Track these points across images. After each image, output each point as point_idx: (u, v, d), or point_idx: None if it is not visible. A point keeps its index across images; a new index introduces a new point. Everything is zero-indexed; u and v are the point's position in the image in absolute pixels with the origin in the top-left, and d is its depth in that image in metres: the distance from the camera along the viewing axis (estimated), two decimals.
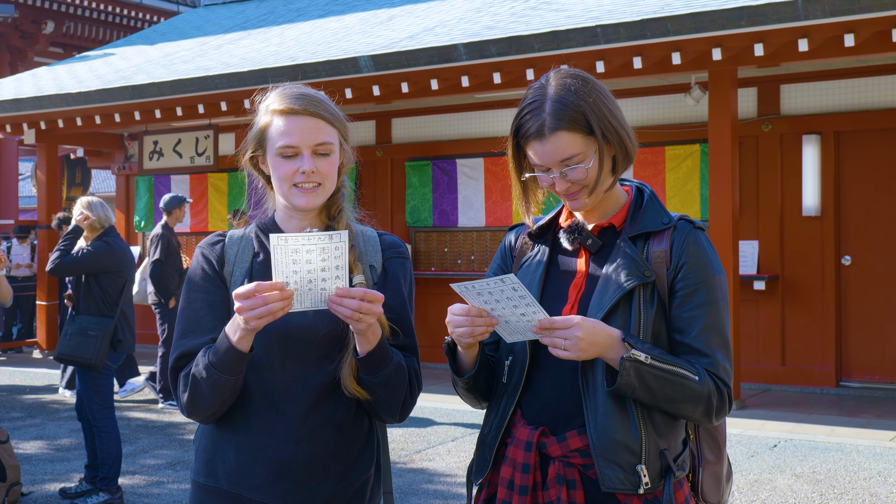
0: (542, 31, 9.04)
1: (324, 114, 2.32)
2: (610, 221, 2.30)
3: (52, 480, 6.90)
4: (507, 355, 2.32)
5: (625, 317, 2.18)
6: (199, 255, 2.40)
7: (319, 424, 2.28)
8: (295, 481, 2.27)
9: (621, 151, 2.25)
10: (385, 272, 2.42)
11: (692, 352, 2.19)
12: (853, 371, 9.99)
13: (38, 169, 14.50)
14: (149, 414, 9.37)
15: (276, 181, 2.34)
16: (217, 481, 2.31)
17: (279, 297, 2.05)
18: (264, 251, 2.37)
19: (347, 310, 2.09)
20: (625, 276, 2.19)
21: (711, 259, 2.24)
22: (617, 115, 2.25)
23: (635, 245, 2.24)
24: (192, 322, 2.32)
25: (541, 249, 2.38)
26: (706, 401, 2.16)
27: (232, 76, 10.98)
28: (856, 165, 9.99)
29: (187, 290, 2.36)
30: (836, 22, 7.82)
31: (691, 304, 2.19)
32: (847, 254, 10.04)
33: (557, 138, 2.19)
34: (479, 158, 11.92)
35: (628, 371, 2.09)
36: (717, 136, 9.02)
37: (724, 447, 2.37)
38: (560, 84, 2.23)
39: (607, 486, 2.14)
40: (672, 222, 2.26)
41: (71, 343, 6.31)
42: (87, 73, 13.73)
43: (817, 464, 7.01)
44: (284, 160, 2.30)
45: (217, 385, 2.19)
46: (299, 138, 2.28)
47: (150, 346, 14.11)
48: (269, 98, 2.37)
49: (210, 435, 2.35)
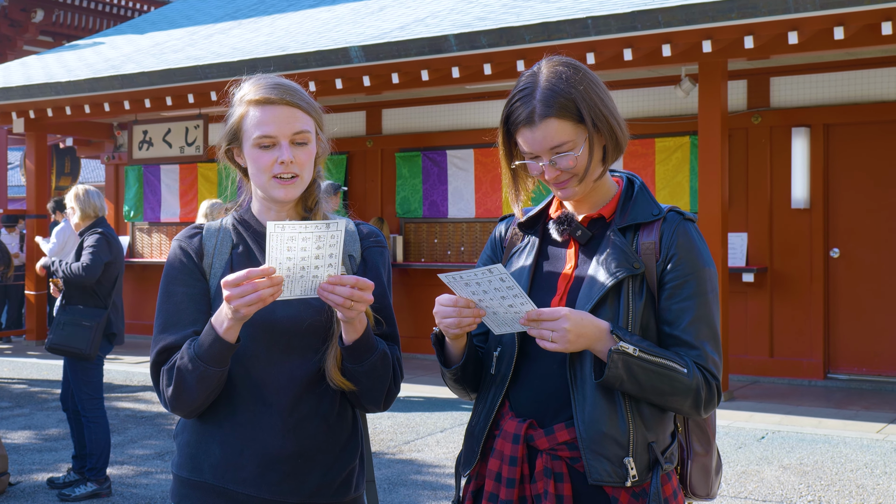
0: (533, 22, 9.02)
1: (300, 103, 2.30)
2: (600, 212, 2.29)
3: (39, 470, 6.88)
4: (496, 346, 2.32)
5: (613, 308, 2.17)
6: (176, 248, 2.37)
7: (306, 415, 2.27)
8: (282, 473, 2.26)
9: (612, 141, 2.24)
10: (364, 261, 2.40)
11: (681, 344, 2.18)
12: (841, 363, 10.02)
13: (27, 158, 14.43)
14: (137, 404, 9.35)
15: (253, 173, 2.31)
16: (202, 475, 2.29)
17: (269, 284, 2.03)
18: (243, 243, 2.35)
19: (339, 297, 2.07)
20: (614, 267, 2.18)
21: (701, 250, 2.23)
22: (608, 105, 2.23)
23: (625, 236, 2.23)
24: (172, 315, 2.29)
25: (530, 240, 2.36)
26: (695, 393, 2.15)
27: (222, 66, 10.94)
28: (845, 158, 10.00)
29: (166, 283, 2.33)
30: (825, 15, 7.83)
31: (680, 295, 2.18)
32: (836, 246, 10.07)
33: (547, 125, 2.18)
34: (470, 150, 11.90)
35: (616, 363, 2.08)
36: (707, 129, 9.02)
37: (714, 439, 2.36)
38: (552, 72, 2.22)
39: (594, 479, 2.13)
40: (662, 213, 2.24)
41: (64, 333, 6.27)
42: (76, 62, 13.67)
43: (805, 455, 7.03)
44: (262, 151, 2.27)
45: (204, 377, 2.17)
46: (277, 128, 2.26)
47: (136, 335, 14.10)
48: (244, 89, 2.35)
49: (193, 429, 2.33)
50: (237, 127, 2.33)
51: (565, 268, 2.28)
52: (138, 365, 11.63)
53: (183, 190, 14.27)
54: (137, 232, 14.86)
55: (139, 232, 14.85)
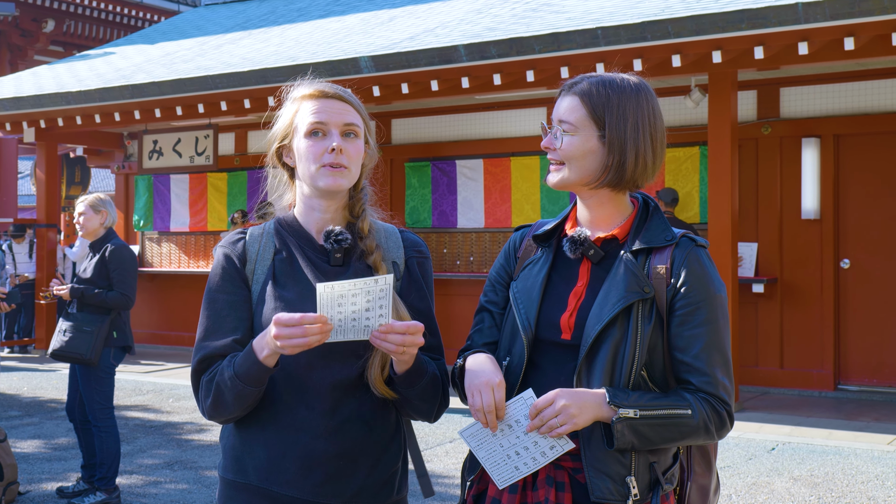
0: (543, 32, 9.04)
1: (352, 100, 2.40)
2: (613, 233, 2.31)
3: (49, 479, 6.89)
4: (505, 356, 2.34)
5: (623, 330, 2.20)
6: (220, 255, 2.41)
7: (347, 418, 2.31)
8: (325, 475, 2.30)
9: (617, 160, 2.24)
10: (409, 272, 2.44)
11: (692, 371, 2.21)
12: (851, 374, 9.99)
13: (38, 167, 14.49)
14: (146, 413, 9.37)
15: (303, 163, 2.35)
16: (247, 477, 2.34)
17: (318, 331, 2.09)
18: (286, 248, 2.39)
19: (392, 345, 2.13)
20: (624, 290, 2.21)
21: (713, 277, 2.25)
22: (639, 133, 2.24)
23: (636, 259, 2.26)
24: (213, 323, 2.34)
25: (544, 254, 2.39)
26: (704, 430, 2.19)
27: (232, 76, 10.98)
28: (855, 169, 9.99)
29: (208, 289, 2.38)
30: (836, 25, 7.82)
31: (692, 323, 2.21)
32: (846, 257, 10.04)
33: (569, 99, 2.27)
34: (479, 160, 11.91)
35: (623, 433, 2.12)
36: (717, 139, 9.02)
37: (715, 460, 2.39)
38: (616, 74, 2.30)
39: (596, 497, 2.16)
40: (675, 239, 2.27)
41: (66, 339, 6.28)
42: (87, 72, 13.73)
43: (815, 467, 7.01)
44: (313, 140, 2.33)
45: (241, 396, 2.24)
46: (328, 116, 2.34)
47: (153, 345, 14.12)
48: (297, 89, 2.42)
49: (238, 432, 2.38)
50: (290, 122, 2.39)
51: (577, 285, 2.31)
52: (147, 374, 11.64)
53: (192, 199, 14.31)
54: (147, 241, 14.91)
55: (149, 241, 14.89)
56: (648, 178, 2.29)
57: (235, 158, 14.00)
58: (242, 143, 14.07)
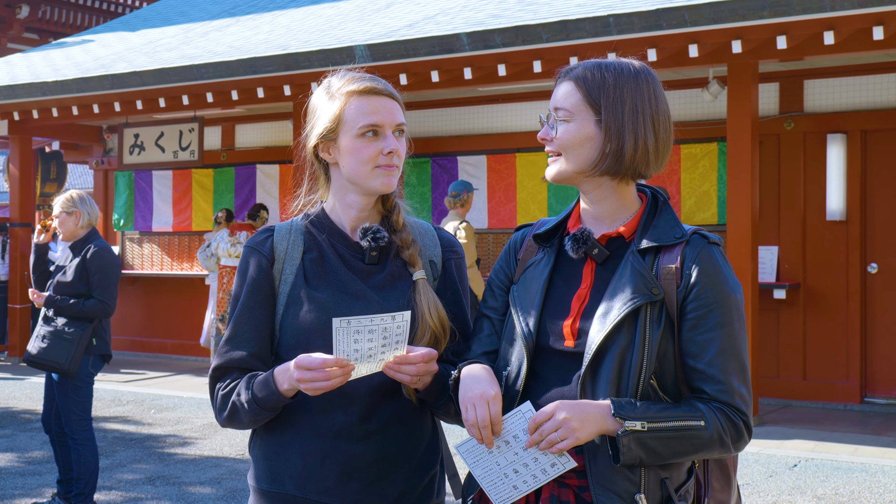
0: (551, 20, 9.04)
1: (398, 97, 2.46)
2: (619, 231, 2.28)
3: (22, 495, 6.89)
4: (504, 366, 2.33)
5: (629, 336, 2.17)
6: (246, 254, 2.47)
7: (386, 421, 2.37)
8: (365, 481, 2.35)
9: (615, 148, 2.22)
10: (445, 273, 2.51)
11: (706, 378, 2.17)
12: (879, 386, 9.99)
13: (11, 163, 14.49)
14: (127, 425, 9.37)
15: (353, 164, 2.40)
16: (283, 486, 2.38)
17: (340, 374, 2.17)
18: (317, 247, 2.44)
19: (406, 376, 2.23)
20: (631, 292, 2.18)
21: (727, 277, 2.22)
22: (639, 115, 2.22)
23: (644, 258, 2.23)
24: (232, 328, 2.44)
25: (546, 254, 2.37)
26: (719, 443, 2.16)
27: (219, 65, 10.98)
28: (884, 167, 10.00)
29: (234, 288, 2.47)
30: (864, 13, 7.83)
31: (704, 326, 2.17)
32: (874, 261, 10.05)
33: (564, 85, 2.28)
34: (482, 156, 11.92)
35: (629, 447, 2.09)
36: (736, 135, 9.02)
37: (735, 475, 2.36)
38: (612, 59, 2.30)
39: None
40: (685, 236, 2.23)
41: (43, 346, 6.24)
42: (64, 61, 13.74)
43: (840, 485, 7.01)
44: (367, 141, 2.39)
45: (257, 418, 2.38)
46: (383, 117, 2.40)
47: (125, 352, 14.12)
48: (338, 82, 2.44)
49: (271, 440, 2.43)
50: (335, 118, 2.41)
51: (580, 288, 2.29)
52: (128, 384, 11.65)
53: (176, 197, 14.31)
54: (127, 242, 14.92)
55: (129, 242, 14.90)
56: (653, 167, 2.26)
57: (222, 154, 14.01)
58: (230, 138, 14.08)
